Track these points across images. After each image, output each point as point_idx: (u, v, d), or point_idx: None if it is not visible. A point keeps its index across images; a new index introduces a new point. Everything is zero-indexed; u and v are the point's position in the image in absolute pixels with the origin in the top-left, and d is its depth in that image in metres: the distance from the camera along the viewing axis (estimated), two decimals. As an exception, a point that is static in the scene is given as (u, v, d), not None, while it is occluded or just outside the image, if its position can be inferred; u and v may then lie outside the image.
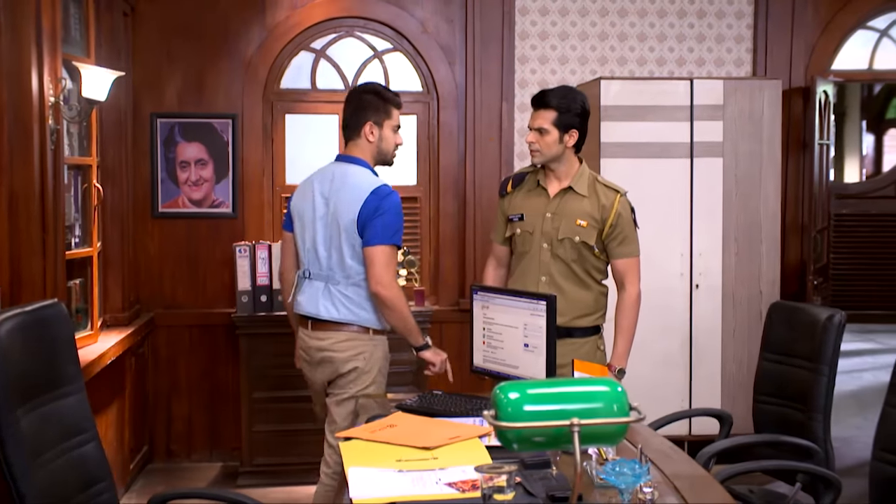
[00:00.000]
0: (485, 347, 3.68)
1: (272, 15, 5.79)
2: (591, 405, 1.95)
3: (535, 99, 3.93)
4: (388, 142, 3.90)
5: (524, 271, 3.95)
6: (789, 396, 3.50)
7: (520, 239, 3.95)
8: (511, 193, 4.02)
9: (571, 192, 3.91)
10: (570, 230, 3.86)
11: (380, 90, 3.92)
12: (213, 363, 5.80)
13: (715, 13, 6.05)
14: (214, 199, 5.79)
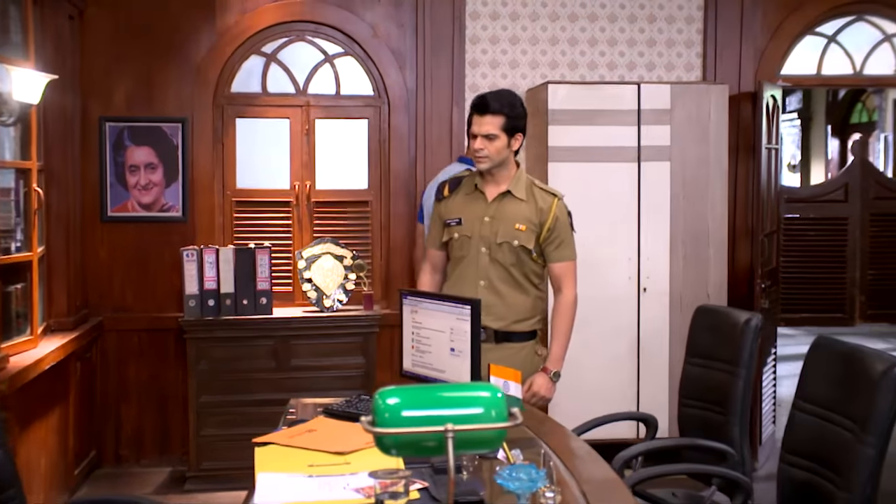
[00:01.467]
0: (414, 352, 3.68)
1: (222, 19, 5.78)
2: (471, 411, 1.96)
3: (478, 105, 3.87)
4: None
5: (462, 276, 3.94)
6: (711, 399, 3.52)
7: (457, 243, 3.94)
8: (448, 198, 4.00)
9: (510, 197, 3.90)
10: (509, 234, 3.86)
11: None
12: (163, 367, 5.79)
13: (665, 18, 6.08)
14: (164, 203, 5.78)
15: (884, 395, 2.55)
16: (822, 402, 2.79)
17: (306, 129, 5.94)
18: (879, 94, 14.27)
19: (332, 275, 5.70)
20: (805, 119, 16.79)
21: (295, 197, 5.94)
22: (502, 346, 3.90)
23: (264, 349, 5.53)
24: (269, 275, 5.57)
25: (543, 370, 3.91)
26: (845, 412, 2.68)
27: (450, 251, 4.01)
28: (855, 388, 2.67)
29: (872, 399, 2.57)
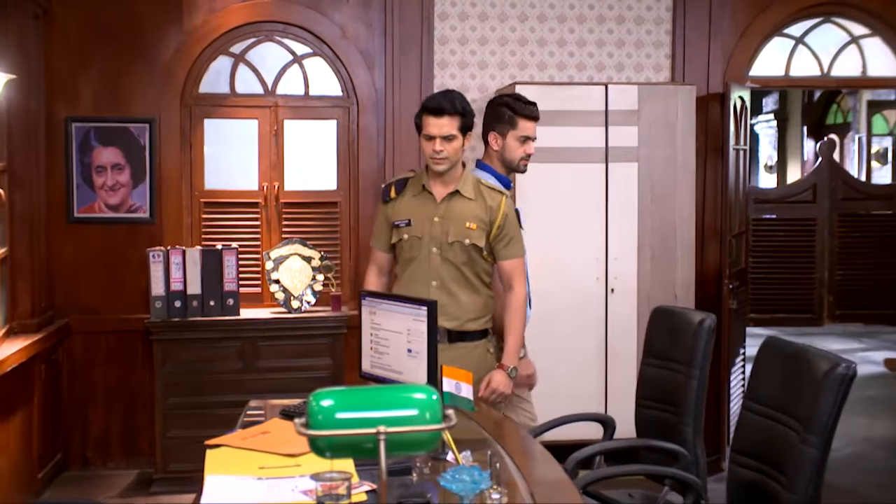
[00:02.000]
0: (372, 353, 3.67)
1: (190, 19, 5.76)
2: (405, 412, 1.95)
3: (435, 107, 3.84)
4: (512, 151, 4.11)
5: (413, 277, 3.95)
6: (666, 400, 3.53)
7: (407, 244, 3.94)
8: (395, 199, 3.99)
9: (458, 196, 3.91)
10: (460, 233, 3.88)
11: (511, 102, 4.15)
12: (131, 369, 5.76)
13: (634, 19, 6.09)
14: (132, 204, 5.75)
15: (826, 395, 2.56)
16: (769, 402, 2.80)
17: (275, 129, 5.92)
18: (853, 95, 14.36)
19: (299, 276, 5.69)
20: (781, 120, 16.87)
21: (263, 198, 5.92)
22: (456, 345, 3.92)
23: (231, 350, 5.51)
24: (237, 276, 5.56)
25: (500, 367, 3.92)
26: (791, 412, 2.69)
27: (399, 253, 4.00)
28: (800, 389, 2.68)
29: (816, 399, 2.58)
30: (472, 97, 5.93)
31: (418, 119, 3.88)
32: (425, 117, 3.85)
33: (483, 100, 5.88)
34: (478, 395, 3.91)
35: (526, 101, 4.15)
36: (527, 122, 4.11)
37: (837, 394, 2.55)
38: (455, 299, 3.90)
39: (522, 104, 4.13)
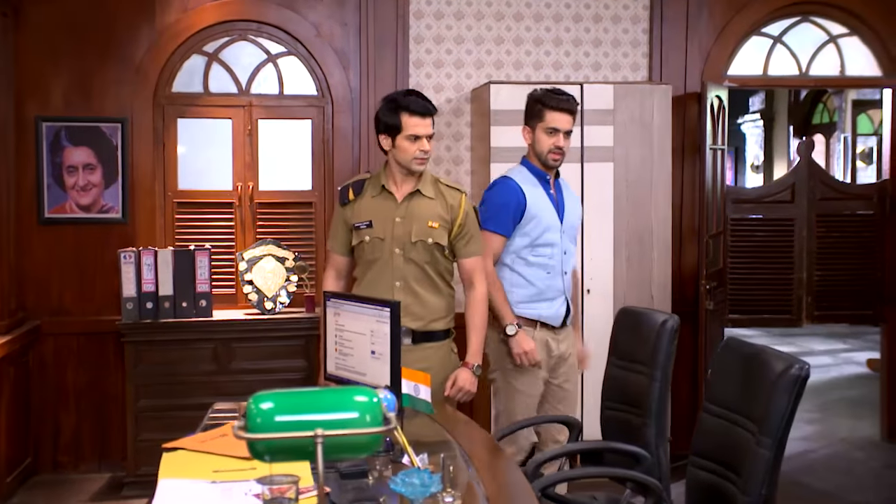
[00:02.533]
0: (337, 355, 3.64)
1: (162, 17, 5.70)
2: (345, 415, 1.91)
3: (422, 108, 3.88)
4: (540, 143, 4.19)
5: (376, 278, 3.93)
6: (630, 402, 3.49)
7: (369, 246, 3.92)
8: (354, 201, 3.97)
9: (419, 195, 3.93)
10: (423, 232, 3.88)
11: (540, 94, 4.22)
12: (103, 371, 5.70)
13: (611, 17, 6.05)
14: (103, 204, 5.69)
15: (780, 397, 2.52)
16: (727, 404, 2.76)
17: (249, 129, 5.87)
18: (839, 94, 14.35)
19: (273, 277, 5.64)
20: (768, 119, 16.87)
21: (237, 198, 5.87)
22: (421, 346, 3.93)
23: (204, 352, 5.47)
24: (209, 277, 5.50)
25: (465, 365, 3.94)
26: (747, 414, 2.65)
27: (359, 255, 3.98)
28: (755, 390, 2.64)
29: (770, 400, 2.54)
30: (448, 96, 5.91)
31: (395, 120, 3.85)
32: (410, 118, 3.85)
33: (459, 99, 5.89)
34: (443, 394, 3.92)
35: (557, 93, 4.19)
36: (554, 113, 4.14)
37: (790, 395, 2.51)
38: (419, 299, 3.91)
39: (551, 95, 4.17)
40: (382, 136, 3.91)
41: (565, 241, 4.26)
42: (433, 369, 3.97)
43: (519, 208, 4.15)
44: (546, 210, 4.20)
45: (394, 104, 3.90)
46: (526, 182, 4.22)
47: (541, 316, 4.20)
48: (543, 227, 4.17)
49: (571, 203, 4.35)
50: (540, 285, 4.19)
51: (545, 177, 4.25)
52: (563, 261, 4.25)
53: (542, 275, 4.20)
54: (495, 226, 4.17)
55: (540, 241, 4.18)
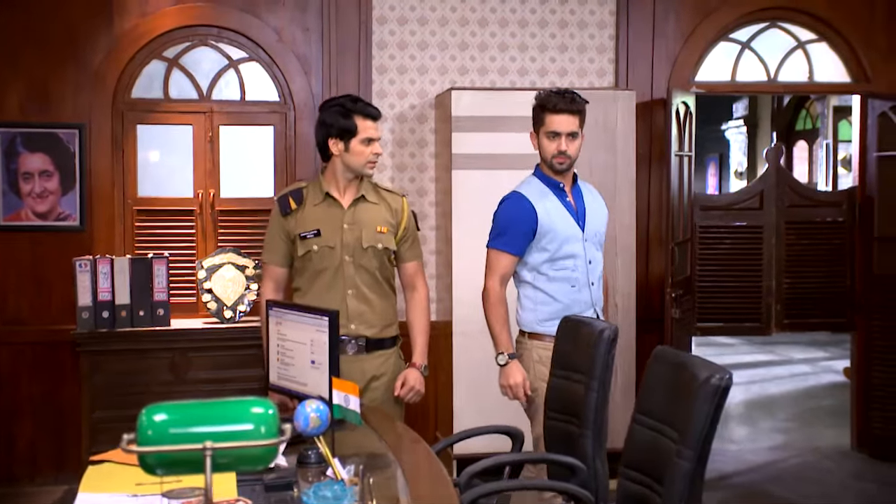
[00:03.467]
0: (279, 364, 3.58)
1: (120, 22, 5.62)
2: (240, 427, 1.86)
3: (374, 112, 3.91)
4: (544, 149, 4.00)
5: (326, 288, 3.89)
6: (570, 412, 3.43)
7: (318, 255, 3.87)
8: (296, 210, 3.92)
9: (364, 201, 3.92)
10: (373, 238, 3.87)
11: (539, 98, 4.01)
12: (59, 382, 5.61)
13: (577, 23, 5.99)
14: (61, 211, 5.61)
15: (699, 407, 2.46)
16: (655, 414, 2.71)
17: (210, 135, 5.79)
18: (822, 101, 14.32)
19: (233, 285, 5.56)
20: (751, 126, 16.84)
21: (198, 205, 5.79)
22: (374, 354, 3.92)
23: (162, 362, 5.37)
24: (167, 285, 5.41)
25: (412, 365, 3.95)
26: (672, 424, 2.59)
27: (304, 265, 3.93)
28: (680, 400, 2.58)
29: (691, 410, 2.48)
30: (412, 102, 5.85)
31: (349, 123, 3.84)
32: (364, 121, 3.85)
33: (423, 105, 5.83)
34: (393, 394, 3.94)
35: (558, 94, 3.95)
36: (554, 115, 3.92)
37: (711, 405, 2.45)
38: (372, 306, 3.90)
39: (550, 97, 3.94)
40: (333, 141, 3.86)
41: (590, 250, 4.01)
42: (387, 376, 3.95)
43: (529, 225, 3.93)
44: (562, 221, 3.96)
45: (345, 108, 3.87)
46: (537, 194, 3.99)
47: None
48: (561, 240, 3.94)
49: (594, 207, 4.11)
50: (565, 300, 3.95)
51: (558, 185, 4.02)
52: (589, 271, 4.01)
53: (567, 289, 3.96)
54: (503, 244, 3.98)
55: (560, 254, 3.95)
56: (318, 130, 3.93)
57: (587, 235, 4.00)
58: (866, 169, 6.28)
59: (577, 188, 4.12)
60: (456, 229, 5.42)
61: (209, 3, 5.71)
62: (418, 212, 5.86)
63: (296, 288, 4.00)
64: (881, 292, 6.17)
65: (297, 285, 3.99)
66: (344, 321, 3.81)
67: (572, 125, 3.94)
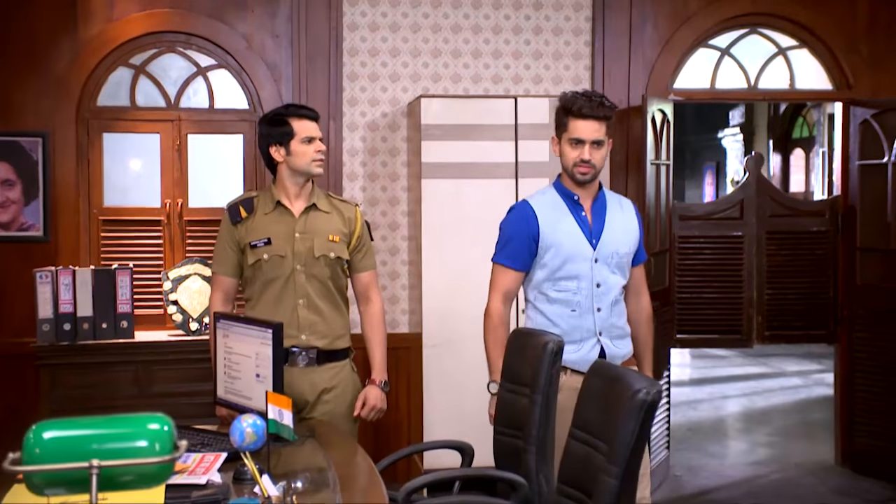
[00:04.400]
0: (226, 378, 3.48)
1: (85, 28, 5.52)
2: (136, 444, 1.77)
3: (308, 110, 3.91)
4: (565, 156, 3.67)
5: (277, 298, 3.80)
6: (516, 426, 3.33)
7: (268, 265, 3.79)
8: (247, 219, 3.85)
9: (315, 210, 3.85)
10: (325, 247, 3.79)
11: (563, 100, 3.66)
12: (21, 396, 5.47)
13: (552, 29, 5.88)
14: (23, 221, 5.50)
15: (625, 423, 2.37)
16: (590, 429, 2.60)
17: (177, 144, 5.68)
18: (818, 108, 14.20)
19: (199, 297, 5.44)
20: (748, 133, 16.73)
21: (166, 215, 5.68)
22: (325, 366, 3.83)
23: (125, 375, 5.24)
24: (131, 297, 5.29)
25: (371, 382, 3.89)
26: (604, 439, 2.49)
27: (255, 275, 3.85)
28: (611, 414, 2.47)
29: (617, 426, 2.37)
30: (384, 110, 5.74)
31: (284, 127, 3.81)
32: (300, 121, 3.83)
33: (395, 113, 5.72)
34: (353, 414, 3.88)
35: (583, 96, 3.59)
36: (577, 121, 3.56)
37: (636, 421, 2.35)
38: (323, 317, 3.82)
39: (575, 99, 3.58)
40: (274, 148, 3.82)
41: (600, 272, 3.60)
42: (339, 388, 3.87)
43: (531, 237, 3.64)
44: (568, 236, 3.61)
45: (277, 115, 3.87)
46: (546, 205, 3.69)
47: (566, 361, 3.48)
48: (564, 257, 3.59)
49: (618, 225, 3.68)
50: (563, 325, 3.58)
51: (572, 196, 3.66)
52: (596, 295, 3.59)
53: (566, 313, 3.60)
54: (505, 258, 3.72)
55: (561, 273, 3.60)
56: (259, 144, 3.92)
57: (600, 255, 3.61)
58: (849, 178, 6.16)
59: (602, 202, 3.72)
60: (426, 239, 5.30)
61: (177, 9, 5.60)
62: (390, 222, 5.76)
63: (246, 298, 3.94)
64: (864, 304, 6.05)
65: (247, 295, 3.92)
66: (294, 332, 3.76)
67: (598, 132, 3.58)
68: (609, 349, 3.61)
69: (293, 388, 3.72)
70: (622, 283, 3.69)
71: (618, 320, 3.66)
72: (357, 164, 5.75)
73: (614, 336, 3.64)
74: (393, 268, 5.79)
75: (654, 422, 5.59)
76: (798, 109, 15.12)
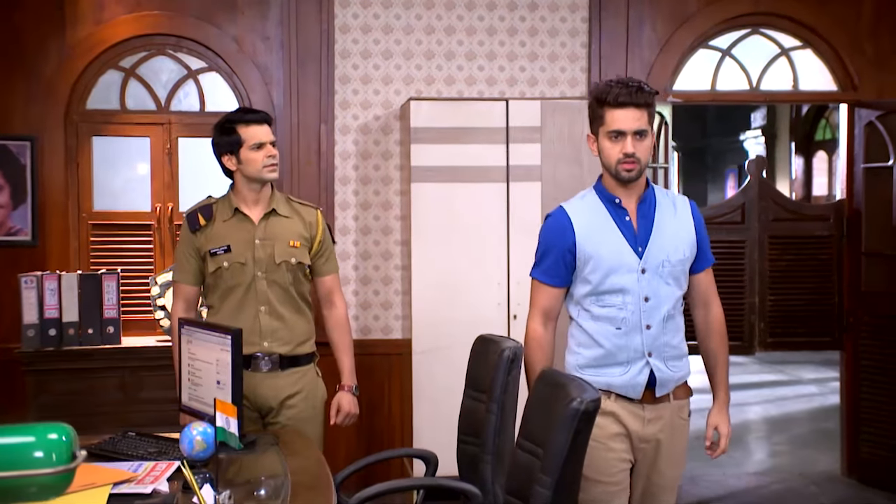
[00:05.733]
0: (190, 385, 3.42)
1: (73, 31, 5.47)
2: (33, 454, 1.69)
3: (256, 114, 3.89)
4: (605, 153, 3.14)
5: (239, 305, 3.76)
6: (475, 434, 3.24)
7: (228, 272, 3.74)
8: (206, 226, 3.83)
9: (275, 215, 3.81)
10: (286, 252, 3.76)
11: (597, 90, 3.16)
12: (9, 402, 5.44)
13: (548, 31, 5.78)
14: (11, 226, 5.47)
15: (558, 432, 2.27)
16: (532, 437, 2.51)
17: (168, 147, 5.63)
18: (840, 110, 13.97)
19: (187, 302, 5.37)
20: (770, 136, 16.51)
21: (156, 219, 5.62)
22: (288, 371, 3.78)
23: (111, 381, 5.20)
24: (118, 302, 5.25)
25: (342, 388, 3.88)
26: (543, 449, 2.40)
27: (215, 282, 3.82)
28: (548, 424, 2.38)
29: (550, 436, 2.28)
30: (376, 113, 5.66)
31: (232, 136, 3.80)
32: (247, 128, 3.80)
33: (387, 116, 5.63)
34: (329, 423, 3.88)
35: (620, 84, 3.11)
36: (615, 111, 3.07)
37: (569, 430, 2.25)
38: (285, 323, 3.78)
39: (611, 87, 3.10)
40: (226, 158, 3.81)
41: (649, 284, 3.12)
42: (303, 393, 3.83)
43: (567, 249, 3.19)
44: (609, 246, 3.14)
45: (226, 122, 3.84)
46: (584, 211, 3.23)
47: (610, 385, 3.11)
48: (605, 270, 3.13)
49: (670, 229, 3.20)
50: (607, 345, 3.13)
51: (614, 199, 3.19)
52: (645, 311, 3.12)
53: (611, 331, 3.13)
54: (540, 273, 3.27)
55: (604, 286, 3.14)
56: (213, 152, 3.88)
57: (647, 265, 3.13)
58: (853, 181, 6.01)
59: (650, 202, 3.23)
60: (415, 244, 5.21)
61: (166, 11, 5.55)
62: (383, 226, 5.68)
63: (208, 306, 3.90)
64: (869, 310, 5.89)
65: (209, 303, 3.89)
66: (256, 339, 3.72)
67: (639, 121, 3.09)
68: (661, 372, 3.13)
69: (256, 393, 3.70)
70: (678, 295, 3.19)
71: (672, 338, 3.18)
72: (349, 167, 5.67)
73: (668, 357, 3.15)
74: (386, 273, 5.71)
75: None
76: (821, 111, 14.88)
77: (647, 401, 3.13)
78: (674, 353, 3.18)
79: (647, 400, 3.13)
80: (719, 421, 3.29)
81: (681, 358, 3.23)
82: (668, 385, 3.16)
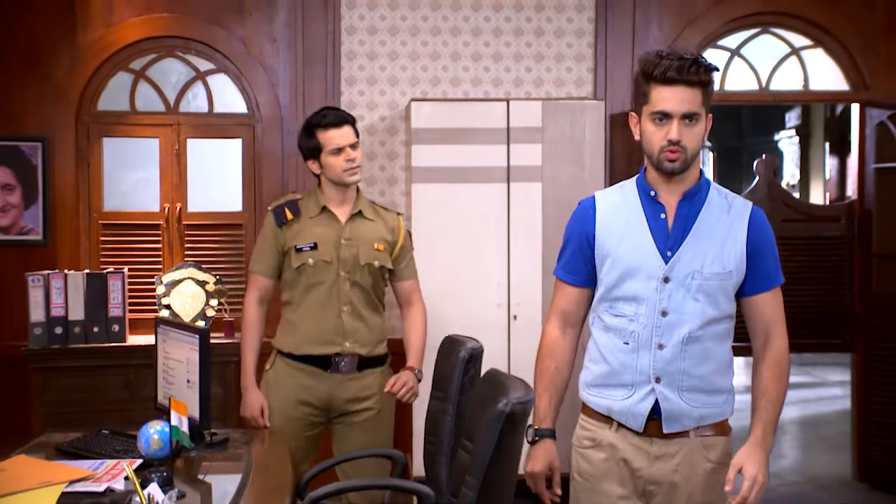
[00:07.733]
0: (164, 384, 3.46)
1: (84, 33, 5.56)
2: None
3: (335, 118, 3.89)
4: (648, 138, 2.69)
5: (321, 304, 3.78)
6: (434, 434, 3.24)
7: (312, 269, 3.78)
8: (292, 221, 3.84)
9: (361, 217, 3.86)
10: (370, 255, 3.81)
11: (644, 61, 2.69)
12: (19, 400, 5.53)
13: (554, 31, 5.77)
14: (23, 226, 5.56)
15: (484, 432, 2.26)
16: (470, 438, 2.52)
17: (177, 148, 5.69)
18: (872, 111, 13.77)
19: (192, 301, 5.44)
20: (804, 136, 16.32)
21: (165, 219, 5.69)
22: (365, 373, 3.82)
23: (117, 379, 5.26)
24: (123, 301, 5.32)
25: (408, 368, 3.89)
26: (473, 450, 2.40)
27: (296, 278, 3.83)
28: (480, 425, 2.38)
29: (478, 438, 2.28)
30: (382, 114, 5.69)
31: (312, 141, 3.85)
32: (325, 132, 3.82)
33: (393, 117, 5.66)
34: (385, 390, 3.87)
35: (670, 57, 2.62)
36: (662, 88, 2.60)
37: (494, 433, 2.24)
38: (366, 324, 3.83)
39: (660, 60, 2.62)
40: (310, 162, 3.87)
41: (671, 296, 2.66)
42: (376, 397, 3.86)
43: (585, 239, 2.80)
44: (631, 243, 2.71)
45: (307, 126, 3.88)
46: (613, 201, 2.83)
47: (611, 410, 2.72)
48: (622, 271, 2.70)
49: (711, 233, 2.70)
50: (613, 362, 2.71)
51: (649, 192, 2.75)
52: (658, 327, 2.67)
53: (618, 345, 2.71)
54: (560, 269, 2.89)
55: (618, 291, 2.72)
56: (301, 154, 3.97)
57: (673, 273, 2.67)
58: (865, 181, 5.93)
59: (697, 201, 2.73)
60: (416, 244, 5.22)
61: (175, 14, 5.62)
62: (387, 226, 5.69)
63: (286, 301, 3.92)
64: (880, 312, 5.81)
65: (287, 298, 3.91)
66: (339, 338, 3.76)
67: (690, 103, 2.60)
68: (669, 403, 2.65)
69: (332, 395, 3.75)
70: (710, 316, 2.70)
71: (695, 367, 2.67)
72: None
73: (685, 388, 2.65)
74: (391, 273, 5.72)
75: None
76: (853, 111, 14.67)
77: (653, 433, 2.67)
78: (695, 385, 2.67)
79: (653, 432, 2.67)
80: (746, 461, 2.62)
81: (709, 393, 2.70)
82: (683, 421, 2.67)
